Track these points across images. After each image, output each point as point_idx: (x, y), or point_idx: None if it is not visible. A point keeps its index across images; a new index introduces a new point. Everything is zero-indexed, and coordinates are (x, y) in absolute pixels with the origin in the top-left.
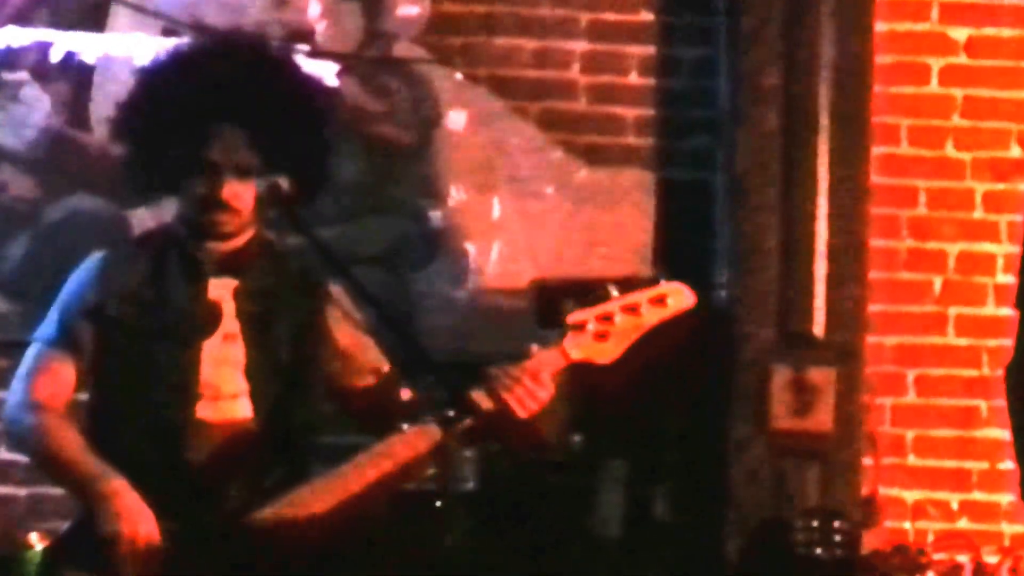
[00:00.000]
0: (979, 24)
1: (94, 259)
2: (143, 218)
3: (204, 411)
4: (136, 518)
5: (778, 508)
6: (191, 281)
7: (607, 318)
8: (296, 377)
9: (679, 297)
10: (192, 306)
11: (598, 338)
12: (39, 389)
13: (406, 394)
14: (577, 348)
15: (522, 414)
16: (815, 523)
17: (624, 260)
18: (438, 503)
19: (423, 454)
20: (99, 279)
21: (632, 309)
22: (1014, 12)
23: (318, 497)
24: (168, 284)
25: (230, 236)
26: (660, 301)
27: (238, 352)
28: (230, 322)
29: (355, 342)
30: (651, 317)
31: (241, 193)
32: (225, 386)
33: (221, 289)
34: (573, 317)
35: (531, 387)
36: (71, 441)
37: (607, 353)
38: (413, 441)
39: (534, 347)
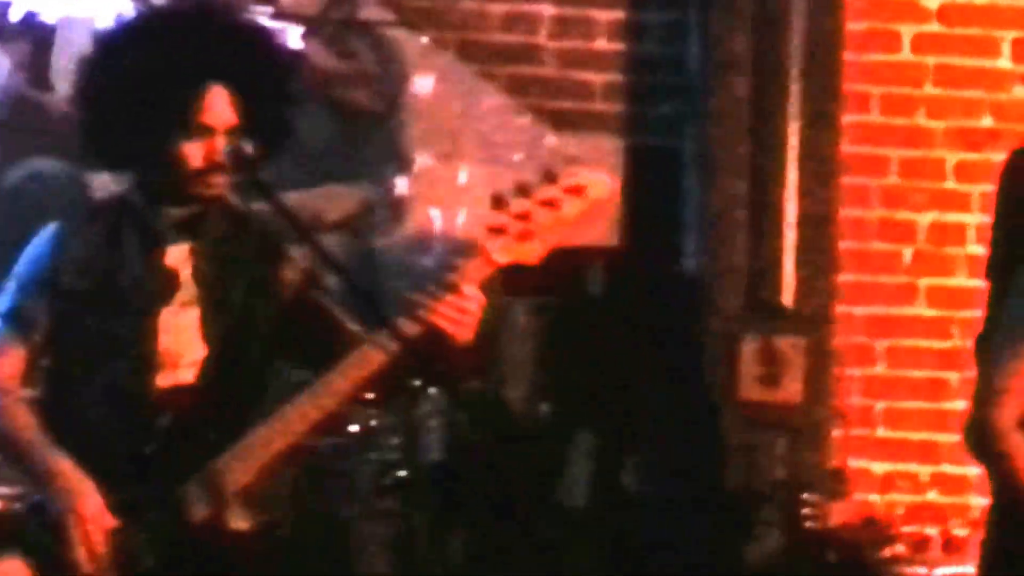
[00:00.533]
0: None
1: (48, 231)
2: (105, 181)
3: (165, 380)
4: (88, 497)
5: (747, 480)
6: (148, 249)
7: (525, 216)
8: (254, 339)
9: (598, 186)
10: (149, 274)
11: (521, 238)
12: None
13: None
14: (500, 251)
15: (457, 333)
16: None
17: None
18: (403, 473)
19: (365, 381)
20: (53, 251)
21: (550, 203)
22: None
23: (265, 443)
24: (124, 253)
25: (211, 200)
26: (578, 191)
27: (196, 318)
28: (188, 288)
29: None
30: (571, 208)
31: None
32: (185, 354)
33: (178, 255)
34: (491, 220)
35: (458, 303)
36: (24, 423)
37: (533, 251)
38: (352, 370)
39: (457, 261)
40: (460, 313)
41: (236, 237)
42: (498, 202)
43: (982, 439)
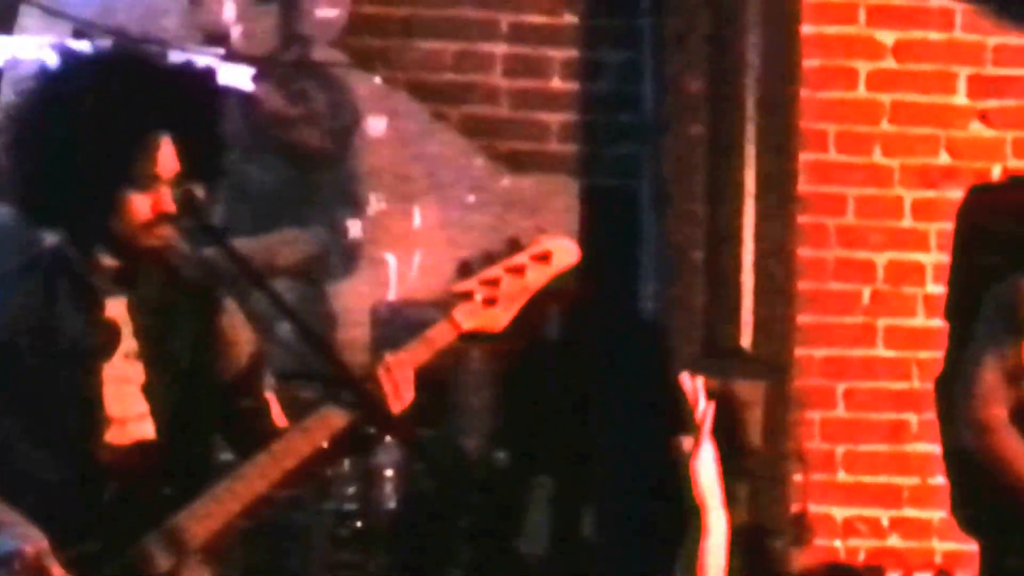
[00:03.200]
0: (906, 27)
1: None
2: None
3: (113, 436)
4: (37, 539)
5: None
6: (85, 302)
7: (493, 283)
8: (196, 390)
9: (563, 253)
10: (89, 328)
11: (487, 304)
12: None
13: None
14: (466, 318)
15: (393, 407)
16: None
17: None
18: (359, 524)
19: (324, 444)
20: None
21: (517, 270)
22: (941, 15)
23: (225, 500)
24: (61, 306)
25: (150, 251)
26: (544, 259)
27: (139, 370)
28: (128, 340)
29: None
30: (537, 276)
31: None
32: (130, 407)
33: (117, 308)
34: (458, 286)
35: (399, 381)
36: None
37: (498, 319)
38: (313, 431)
39: (428, 332)
40: (397, 392)
41: (174, 288)
42: (465, 269)
43: (970, 435)
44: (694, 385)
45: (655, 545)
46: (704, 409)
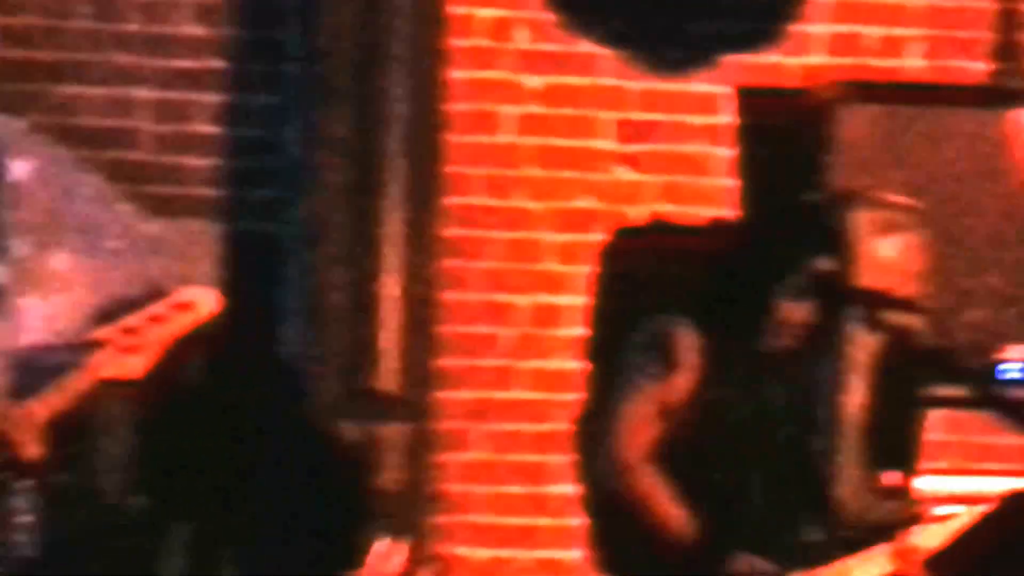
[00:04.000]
0: (553, 72)
1: None
2: None
3: None
4: None
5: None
6: None
7: (133, 331)
8: None
9: (204, 302)
10: None
11: (126, 351)
12: None
13: None
14: (106, 365)
15: (27, 453)
16: None
17: None
18: None
19: None
20: None
21: (157, 319)
22: (586, 60)
23: None
24: None
25: None
26: (184, 308)
27: None
28: None
29: None
30: (178, 324)
31: None
32: None
33: None
34: (98, 333)
35: (34, 427)
36: None
37: (138, 366)
38: None
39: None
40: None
41: None
42: (105, 316)
43: (611, 474)
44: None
45: None
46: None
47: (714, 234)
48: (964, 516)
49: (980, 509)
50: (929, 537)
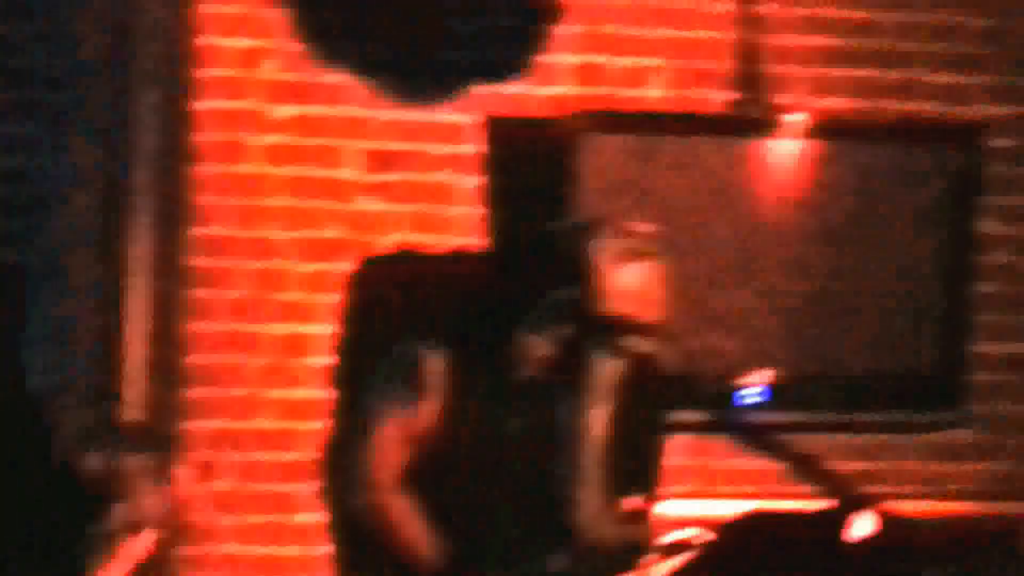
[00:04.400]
0: (302, 102)
1: None
2: None
3: None
4: None
5: None
6: None
7: None
8: None
9: None
10: None
11: None
12: None
13: None
14: None
15: None
16: None
17: None
18: None
19: None
20: None
21: None
22: (334, 90)
23: None
24: None
25: None
26: None
27: None
28: None
29: None
30: None
31: None
32: None
33: None
34: None
35: None
36: None
37: None
38: None
39: None
40: None
41: None
42: None
43: (358, 500)
44: None
45: None
46: None
47: (461, 263)
48: (690, 551)
49: (710, 535)
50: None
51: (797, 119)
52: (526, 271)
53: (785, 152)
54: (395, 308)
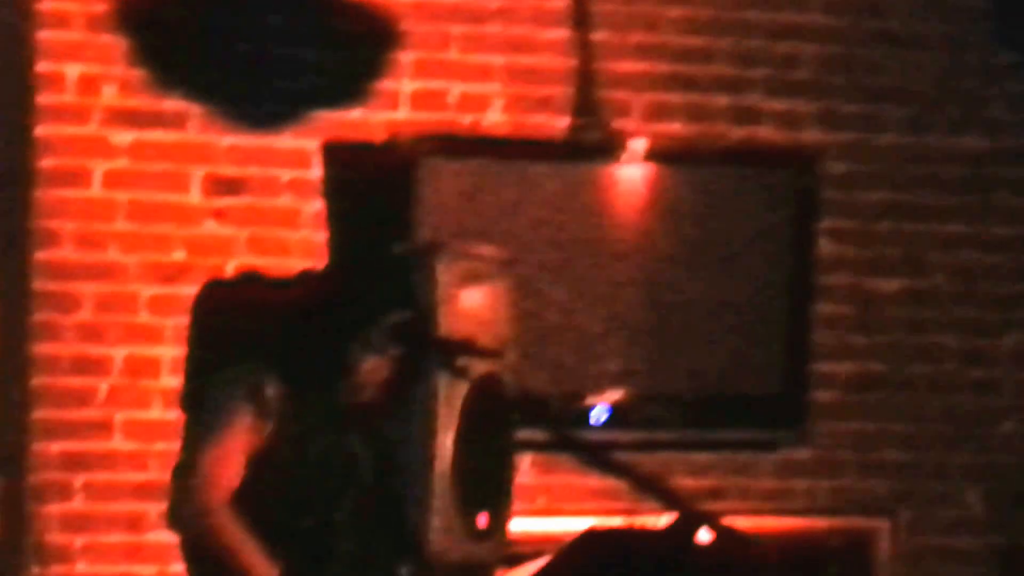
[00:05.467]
0: (142, 128)
1: None
2: None
3: None
4: None
5: None
6: None
7: None
8: None
9: None
10: None
11: None
12: None
13: None
14: None
15: None
16: None
17: None
18: None
19: None
20: None
21: None
22: (176, 116)
23: None
24: None
25: None
26: None
27: None
28: None
29: None
30: None
31: None
32: None
33: None
34: None
35: None
36: None
37: None
38: None
39: None
40: None
41: None
42: None
43: (195, 518)
44: None
45: None
46: None
47: (303, 286)
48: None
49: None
50: None
51: (636, 144)
52: (367, 294)
53: (625, 176)
54: (237, 332)
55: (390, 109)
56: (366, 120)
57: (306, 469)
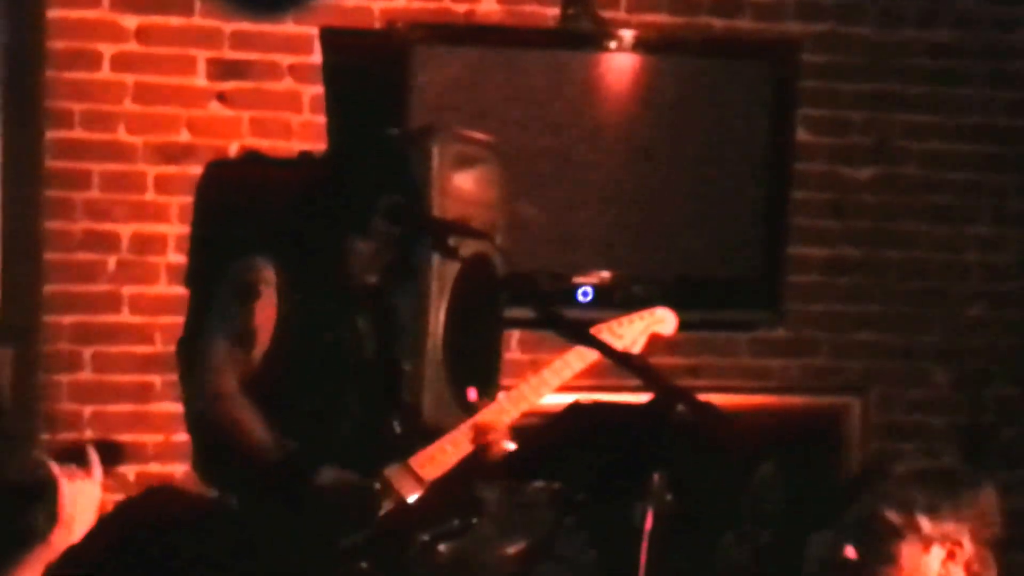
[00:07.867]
0: (148, 12)
1: None
2: None
3: None
4: None
5: None
6: None
7: None
8: None
9: None
10: None
11: None
12: None
13: None
14: None
15: None
16: None
17: None
18: None
19: None
20: None
21: None
22: (182, 2)
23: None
24: None
25: None
26: None
27: None
28: None
29: None
30: None
31: None
32: None
33: None
34: None
35: None
36: None
37: None
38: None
39: None
40: None
41: None
42: None
43: (207, 402)
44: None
45: None
46: None
47: (302, 168)
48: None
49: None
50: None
51: (623, 33)
52: (363, 176)
53: (613, 65)
54: (240, 211)
55: None
56: (364, 7)
57: (312, 351)
